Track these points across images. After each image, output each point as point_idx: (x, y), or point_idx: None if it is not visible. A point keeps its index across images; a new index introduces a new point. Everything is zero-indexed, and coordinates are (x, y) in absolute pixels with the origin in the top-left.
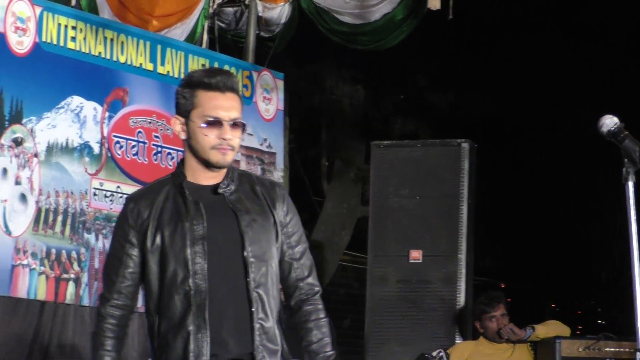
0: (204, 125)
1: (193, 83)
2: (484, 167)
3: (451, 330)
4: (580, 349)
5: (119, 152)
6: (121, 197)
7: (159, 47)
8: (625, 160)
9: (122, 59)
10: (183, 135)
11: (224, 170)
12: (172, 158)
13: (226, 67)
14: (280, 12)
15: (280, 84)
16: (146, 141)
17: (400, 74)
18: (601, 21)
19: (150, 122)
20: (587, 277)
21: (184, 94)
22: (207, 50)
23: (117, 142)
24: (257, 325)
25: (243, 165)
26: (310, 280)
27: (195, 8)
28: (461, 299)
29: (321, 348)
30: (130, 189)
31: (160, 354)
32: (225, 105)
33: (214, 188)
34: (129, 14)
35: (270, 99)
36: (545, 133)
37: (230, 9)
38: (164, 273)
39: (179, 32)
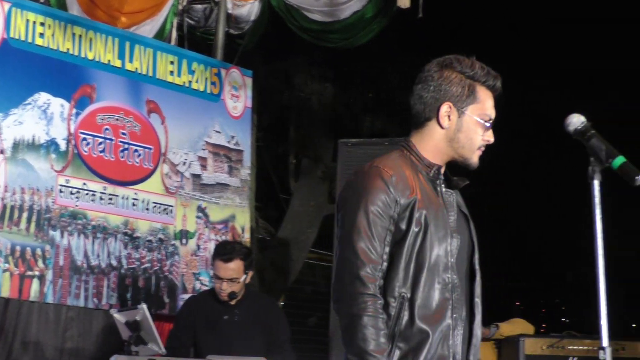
0: (487, 125)
1: (476, 77)
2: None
3: None
4: (543, 347)
5: (86, 149)
6: (87, 194)
7: (127, 43)
8: (592, 159)
9: (90, 56)
10: (447, 125)
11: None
12: (139, 155)
13: (195, 65)
14: (249, 10)
15: (249, 81)
16: (113, 138)
17: (369, 72)
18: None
19: (117, 119)
20: (552, 275)
21: (462, 83)
22: (176, 47)
23: (84, 139)
24: (475, 336)
25: (210, 163)
26: None
27: (165, 5)
28: None
29: None
30: (96, 186)
31: (410, 342)
32: (494, 109)
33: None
34: (97, 10)
35: (239, 97)
36: (513, 131)
37: (199, 6)
38: (424, 257)
39: (148, 28)
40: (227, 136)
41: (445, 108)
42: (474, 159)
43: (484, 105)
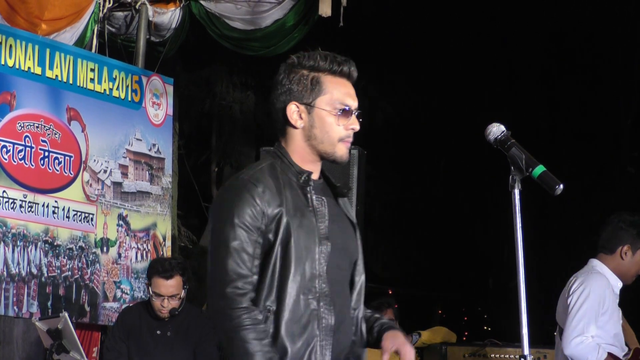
0: (339, 113)
1: (317, 68)
2: (375, 173)
3: None
4: (466, 355)
5: (6, 156)
6: (7, 201)
7: (47, 50)
8: (512, 168)
9: (10, 63)
10: (300, 124)
11: (320, 167)
12: (60, 163)
13: (115, 72)
14: (170, 17)
15: (170, 89)
16: (33, 146)
17: None
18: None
19: (37, 127)
20: (475, 283)
21: (304, 78)
22: (96, 54)
23: (4, 146)
24: (356, 347)
25: (131, 171)
26: None
27: (85, 12)
28: None
29: None
30: (16, 193)
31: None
32: (353, 94)
33: (332, 188)
34: (18, 17)
35: (160, 104)
36: (438, 140)
37: (120, 14)
38: (288, 268)
39: (69, 36)
40: (149, 144)
41: (292, 108)
42: (339, 152)
43: (333, 94)
